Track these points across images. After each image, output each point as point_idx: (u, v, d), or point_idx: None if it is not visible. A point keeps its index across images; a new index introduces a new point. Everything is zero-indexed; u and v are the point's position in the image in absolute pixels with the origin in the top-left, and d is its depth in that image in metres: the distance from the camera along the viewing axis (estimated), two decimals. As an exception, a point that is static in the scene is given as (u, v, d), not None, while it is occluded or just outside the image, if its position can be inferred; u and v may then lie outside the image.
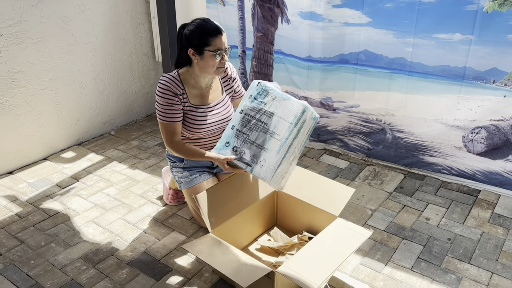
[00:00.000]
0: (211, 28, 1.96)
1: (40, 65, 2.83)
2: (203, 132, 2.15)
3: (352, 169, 2.89)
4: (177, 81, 2.05)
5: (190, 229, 2.31)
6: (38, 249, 2.16)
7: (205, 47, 1.96)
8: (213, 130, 2.17)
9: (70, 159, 3.02)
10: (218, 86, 2.20)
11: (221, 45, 1.97)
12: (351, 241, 1.84)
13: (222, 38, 1.97)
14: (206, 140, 2.20)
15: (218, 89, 2.20)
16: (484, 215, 2.41)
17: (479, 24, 2.29)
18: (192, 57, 2.01)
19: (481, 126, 2.52)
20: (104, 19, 3.14)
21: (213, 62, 1.98)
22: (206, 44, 1.95)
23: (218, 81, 2.20)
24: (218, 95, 2.19)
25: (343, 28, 2.71)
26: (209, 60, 1.98)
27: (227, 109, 2.21)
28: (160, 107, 2.03)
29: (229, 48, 2.03)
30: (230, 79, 2.22)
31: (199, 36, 1.95)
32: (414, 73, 2.60)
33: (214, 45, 1.95)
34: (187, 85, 2.08)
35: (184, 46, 2.01)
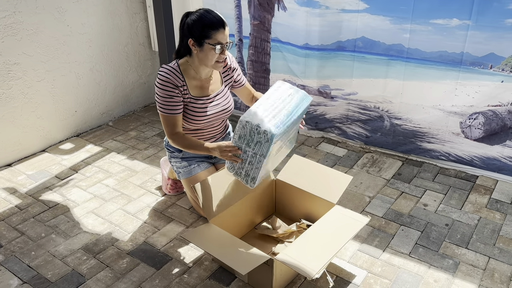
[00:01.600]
0: (213, 21, 1.92)
1: (36, 56, 2.82)
2: (202, 123, 2.15)
3: (351, 156, 2.90)
4: (177, 73, 2.03)
5: (190, 218, 2.32)
6: (38, 240, 2.17)
7: (205, 40, 1.93)
8: (212, 121, 2.17)
9: (69, 150, 3.02)
10: (217, 77, 2.19)
11: (222, 39, 1.94)
12: (348, 228, 1.86)
13: (224, 32, 1.93)
14: (205, 131, 2.20)
15: (217, 80, 2.19)
16: (481, 200, 2.42)
17: (476, 9, 2.28)
18: (192, 48, 1.99)
19: (478, 111, 2.52)
20: (99, 9, 3.12)
21: (212, 56, 1.96)
22: (207, 37, 1.92)
23: (218, 72, 2.19)
24: (218, 86, 2.18)
25: (340, 14, 2.69)
26: (208, 53, 1.95)
27: (227, 100, 2.20)
28: (160, 99, 2.02)
29: (230, 42, 1.99)
30: (230, 69, 2.21)
31: (201, 28, 1.92)
32: (411, 59, 2.59)
33: (215, 39, 1.92)
34: (187, 76, 2.06)
35: (185, 35, 1.99)
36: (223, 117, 2.21)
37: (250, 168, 1.84)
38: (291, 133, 1.93)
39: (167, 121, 2.04)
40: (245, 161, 1.83)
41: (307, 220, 2.14)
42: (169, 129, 2.05)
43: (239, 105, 3.48)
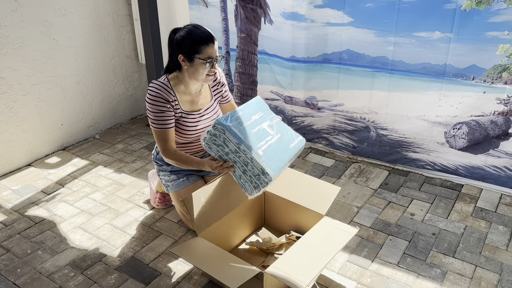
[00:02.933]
0: (202, 36, 1.94)
1: (21, 70, 2.80)
2: (193, 137, 2.15)
3: (338, 167, 2.92)
4: (168, 88, 2.03)
5: (178, 232, 2.31)
6: (24, 257, 2.14)
7: (196, 55, 1.94)
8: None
9: (55, 164, 2.99)
10: (207, 91, 2.21)
11: (212, 53, 1.95)
12: (337, 239, 1.87)
13: (214, 46, 1.95)
14: (195, 144, 2.21)
15: (207, 94, 2.20)
16: (467, 209, 2.46)
17: (457, 22, 2.34)
18: (182, 63, 2.00)
19: (462, 122, 2.57)
20: (85, 22, 3.11)
21: (203, 70, 1.97)
22: (197, 52, 1.94)
23: (207, 86, 2.21)
24: (208, 100, 2.20)
25: (326, 28, 2.74)
26: (199, 67, 1.97)
27: (216, 114, 2.22)
28: (151, 114, 2.02)
29: (220, 56, 2.01)
30: (219, 84, 2.23)
31: (190, 43, 1.93)
32: (395, 71, 2.64)
33: (205, 53, 1.94)
34: (177, 91, 2.07)
35: (174, 52, 2.00)
36: None
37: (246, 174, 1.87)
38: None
39: (160, 136, 2.04)
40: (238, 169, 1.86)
41: (296, 231, 2.15)
42: (162, 144, 2.05)
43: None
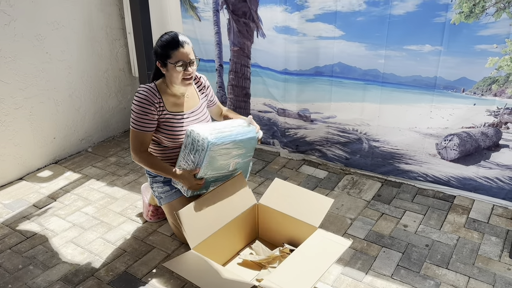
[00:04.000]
0: (170, 41, 2.03)
1: (14, 84, 2.79)
2: (181, 139, 2.16)
3: (331, 178, 2.93)
4: (154, 90, 2.11)
5: (171, 245, 2.30)
6: (15, 273, 2.11)
7: (167, 59, 2.04)
8: None
9: (47, 178, 2.97)
10: (194, 94, 2.26)
11: (182, 57, 2.02)
12: (331, 252, 1.87)
13: (183, 50, 2.02)
14: None
15: (194, 96, 2.26)
16: (459, 220, 2.48)
17: (447, 35, 2.38)
18: (161, 69, 2.10)
19: (453, 133, 2.59)
20: (79, 36, 3.12)
21: (176, 74, 2.05)
22: (167, 57, 2.03)
23: (194, 89, 2.26)
24: (195, 102, 2.25)
25: (317, 41, 2.77)
26: (172, 71, 2.05)
27: (204, 115, 2.27)
28: (134, 115, 2.09)
29: (196, 59, 2.09)
30: (204, 88, 2.33)
31: (161, 49, 2.04)
32: (387, 83, 2.66)
33: (175, 57, 2.02)
34: (163, 94, 2.14)
35: (155, 59, 2.11)
36: None
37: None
38: (235, 155, 2.11)
39: (136, 137, 2.10)
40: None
41: (290, 244, 2.14)
42: (137, 145, 2.10)
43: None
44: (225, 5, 3.03)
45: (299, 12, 2.73)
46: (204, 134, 1.97)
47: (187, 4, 3.18)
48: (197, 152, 2.01)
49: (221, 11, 3.07)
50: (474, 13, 2.28)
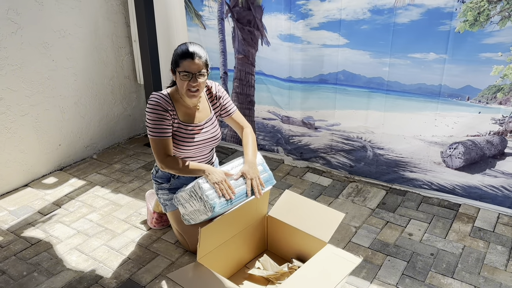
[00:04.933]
0: (183, 50, 2.03)
1: (20, 91, 2.82)
2: (191, 150, 2.17)
3: (336, 186, 2.93)
4: (167, 98, 2.11)
5: (175, 253, 2.30)
6: (20, 279, 2.12)
7: (177, 68, 2.05)
8: (201, 148, 2.20)
9: (52, 185, 2.98)
10: (205, 106, 2.24)
11: (189, 68, 2.01)
12: (340, 269, 1.84)
13: (190, 61, 2.01)
14: (195, 159, 2.22)
15: (206, 108, 2.24)
16: (465, 229, 2.46)
17: (452, 43, 2.38)
18: (173, 76, 2.12)
19: (458, 141, 2.58)
20: (85, 44, 3.15)
21: (182, 83, 2.05)
22: (177, 65, 2.04)
23: (206, 101, 2.24)
24: (207, 114, 2.23)
25: (322, 49, 2.78)
26: (179, 80, 2.05)
27: (215, 128, 2.24)
28: (150, 123, 2.07)
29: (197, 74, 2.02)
30: (216, 98, 2.26)
31: (174, 56, 2.06)
32: (391, 91, 2.66)
33: (182, 67, 2.02)
34: (176, 102, 2.14)
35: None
36: (212, 145, 2.25)
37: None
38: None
39: (158, 144, 2.06)
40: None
41: (298, 258, 2.12)
42: (161, 152, 2.07)
43: (224, 136, 3.50)
44: (230, 14, 3.05)
45: (304, 21, 2.75)
46: (213, 198, 1.92)
47: (193, 12, 3.21)
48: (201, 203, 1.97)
49: (226, 20, 3.09)
50: (479, 22, 2.28)
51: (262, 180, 2.07)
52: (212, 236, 1.96)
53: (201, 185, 1.92)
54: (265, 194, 2.16)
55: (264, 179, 2.09)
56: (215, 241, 1.99)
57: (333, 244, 2.04)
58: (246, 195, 2.01)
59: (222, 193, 1.94)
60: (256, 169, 2.08)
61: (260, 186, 2.04)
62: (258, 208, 2.16)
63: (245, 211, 2.09)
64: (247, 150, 2.16)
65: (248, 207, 2.08)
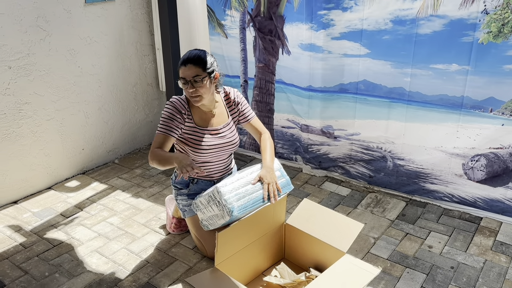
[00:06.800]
0: (183, 58, 2.09)
1: (46, 96, 2.90)
2: (208, 154, 2.19)
3: (354, 196, 2.91)
4: (183, 102, 2.16)
5: (193, 258, 2.32)
6: (42, 280, 2.17)
7: (179, 74, 2.10)
8: (218, 153, 2.22)
9: (74, 188, 3.05)
10: (223, 111, 2.26)
11: (183, 74, 2.06)
12: (358, 279, 1.83)
13: (185, 68, 2.05)
14: (213, 164, 2.25)
15: (223, 113, 2.26)
16: (486, 242, 2.42)
17: (475, 55, 2.36)
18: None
19: (480, 154, 2.55)
20: (109, 51, 3.23)
21: (184, 90, 2.10)
22: (179, 72, 2.09)
23: (223, 106, 2.27)
24: (224, 119, 2.25)
25: (342, 59, 2.78)
26: (181, 87, 2.10)
27: (232, 133, 2.26)
28: (161, 119, 2.15)
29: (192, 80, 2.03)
30: (234, 104, 2.28)
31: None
32: (412, 102, 2.65)
33: (181, 73, 2.08)
34: (192, 107, 2.19)
35: None
36: (229, 150, 2.26)
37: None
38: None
39: (158, 138, 2.11)
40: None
41: (316, 267, 2.12)
42: (155, 145, 2.09)
43: (243, 144, 3.53)
44: (252, 23, 3.09)
45: (325, 30, 2.76)
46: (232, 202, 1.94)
47: (215, 21, 3.26)
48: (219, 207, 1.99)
49: (248, 29, 3.13)
50: (503, 33, 2.26)
51: (279, 185, 2.08)
52: (230, 242, 1.97)
53: (219, 189, 1.94)
54: (283, 201, 2.17)
55: (281, 184, 2.10)
56: (233, 247, 2.01)
57: (351, 255, 2.03)
58: (262, 200, 2.02)
59: (189, 174, 1.86)
60: (274, 174, 2.09)
61: (277, 192, 2.05)
62: (276, 216, 2.17)
63: (263, 218, 2.10)
64: (265, 155, 2.18)
65: (266, 214, 2.09)
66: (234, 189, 1.97)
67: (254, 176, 2.07)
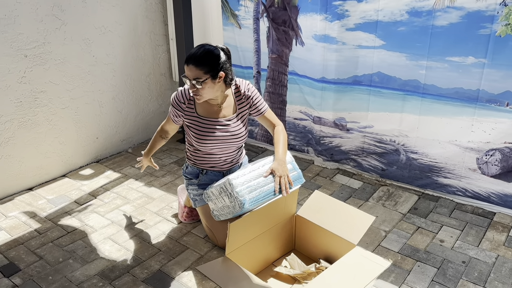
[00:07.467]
0: (187, 55, 2.07)
1: (62, 85, 2.93)
2: (211, 145, 2.20)
3: (366, 189, 2.90)
4: (187, 92, 2.19)
5: (204, 247, 2.34)
6: (56, 265, 2.21)
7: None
8: (223, 145, 2.22)
9: (88, 176, 3.09)
10: (231, 104, 2.25)
11: (186, 73, 2.05)
12: (368, 271, 1.83)
13: (187, 68, 2.02)
14: (219, 156, 2.26)
15: (230, 106, 2.24)
16: (499, 238, 2.39)
17: (492, 48, 2.32)
18: None
19: (495, 148, 2.51)
20: (124, 41, 3.25)
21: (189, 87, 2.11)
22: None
23: (232, 98, 2.25)
24: (229, 112, 2.24)
25: (357, 50, 2.76)
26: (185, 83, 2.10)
27: (238, 126, 2.24)
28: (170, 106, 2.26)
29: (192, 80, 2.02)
30: (244, 97, 2.25)
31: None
32: (427, 95, 2.62)
33: (185, 71, 2.06)
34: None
35: None
36: (234, 143, 2.25)
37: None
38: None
39: (167, 119, 2.34)
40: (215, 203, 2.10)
41: (326, 259, 2.12)
42: (163, 122, 2.38)
43: (254, 135, 3.53)
44: (266, 13, 3.07)
45: (340, 21, 2.74)
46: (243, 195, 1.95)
47: (229, 12, 3.25)
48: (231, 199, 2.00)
49: (261, 19, 3.11)
50: (522, 25, 2.21)
51: (291, 179, 2.08)
52: (241, 232, 1.99)
53: (231, 181, 1.95)
54: (294, 193, 2.17)
55: (293, 177, 2.10)
56: (244, 237, 2.02)
57: (362, 247, 2.03)
58: (274, 193, 2.02)
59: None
60: (286, 167, 2.09)
61: (288, 185, 2.05)
62: (287, 207, 2.17)
63: (274, 209, 2.10)
64: (277, 147, 2.17)
65: (277, 205, 2.10)
66: (246, 181, 1.98)
67: (266, 168, 2.07)
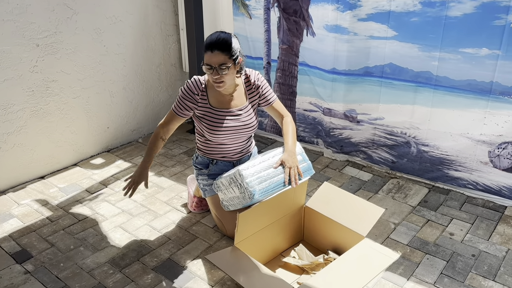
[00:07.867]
0: (207, 42, 2.04)
1: (73, 74, 2.95)
2: (223, 135, 2.20)
3: (376, 181, 2.89)
4: (199, 83, 2.17)
5: (213, 237, 2.35)
6: (67, 252, 2.24)
7: (203, 59, 2.05)
8: (234, 135, 2.23)
9: (99, 165, 3.12)
10: (241, 93, 2.25)
11: (209, 61, 2.01)
12: (376, 263, 1.83)
13: (211, 55, 2.00)
14: (230, 146, 2.26)
15: (241, 96, 2.24)
16: (510, 232, 2.37)
17: (506, 39, 2.28)
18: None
19: (508, 141, 2.48)
20: (134, 30, 3.25)
21: (208, 75, 2.07)
22: (204, 57, 2.05)
23: (243, 89, 2.25)
24: (242, 102, 2.24)
25: (368, 41, 2.73)
26: (206, 72, 2.07)
27: (249, 116, 2.25)
28: (177, 98, 2.20)
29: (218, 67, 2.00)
30: (254, 87, 2.25)
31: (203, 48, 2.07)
32: (439, 87, 2.59)
33: (206, 59, 2.03)
34: (210, 88, 2.19)
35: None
36: (245, 133, 2.25)
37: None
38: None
39: (168, 115, 2.22)
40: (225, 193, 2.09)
41: (335, 250, 2.12)
42: (163, 121, 2.22)
43: (264, 126, 3.53)
44: (276, 3, 3.05)
45: (351, 11, 2.71)
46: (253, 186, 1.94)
47: (239, 2, 3.23)
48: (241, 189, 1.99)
49: (272, 9, 3.09)
50: (538, 16, 2.17)
51: (300, 170, 2.08)
52: (250, 222, 2.00)
53: (241, 172, 1.96)
54: (303, 185, 2.17)
55: (302, 169, 2.10)
56: (253, 227, 2.03)
57: (371, 239, 2.03)
58: (283, 184, 2.03)
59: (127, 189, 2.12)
60: (295, 158, 2.09)
61: (298, 176, 2.05)
62: (296, 198, 2.17)
63: (283, 200, 2.11)
64: (287, 139, 2.17)
65: (286, 196, 2.10)
66: (256, 172, 1.98)
67: (276, 159, 2.07)
